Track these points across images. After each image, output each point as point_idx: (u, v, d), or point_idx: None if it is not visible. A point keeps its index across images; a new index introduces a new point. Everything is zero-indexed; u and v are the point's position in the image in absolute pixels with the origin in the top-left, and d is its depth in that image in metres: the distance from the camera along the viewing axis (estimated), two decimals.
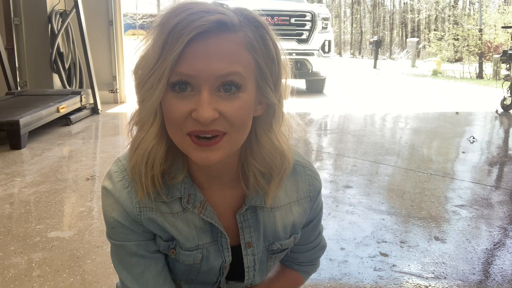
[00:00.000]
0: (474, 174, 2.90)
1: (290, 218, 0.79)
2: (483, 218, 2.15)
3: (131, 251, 0.73)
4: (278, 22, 6.62)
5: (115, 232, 0.73)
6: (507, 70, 6.03)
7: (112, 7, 5.58)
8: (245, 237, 0.77)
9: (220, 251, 0.77)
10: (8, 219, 2.06)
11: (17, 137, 3.32)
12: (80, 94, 4.62)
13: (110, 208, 0.72)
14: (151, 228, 0.73)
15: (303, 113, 5.34)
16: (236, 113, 0.62)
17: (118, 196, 0.71)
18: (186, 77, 0.60)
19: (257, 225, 0.77)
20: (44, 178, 2.65)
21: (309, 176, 0.81)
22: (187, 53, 0.59)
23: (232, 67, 0.60)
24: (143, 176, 0.68)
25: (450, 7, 25.58)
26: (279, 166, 0.72)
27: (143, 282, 0.73)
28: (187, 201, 0.72)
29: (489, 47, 14.50)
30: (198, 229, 0.74)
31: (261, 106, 0.68)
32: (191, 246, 0.74)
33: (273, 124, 0.70)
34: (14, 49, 4.92)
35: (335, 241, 1.87)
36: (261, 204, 0.75)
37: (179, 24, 0.59)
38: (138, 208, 0.71)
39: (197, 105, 0.60)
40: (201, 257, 0.76)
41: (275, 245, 0.80)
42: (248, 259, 0.78)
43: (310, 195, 0.81)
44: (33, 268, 1.62)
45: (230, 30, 0.61)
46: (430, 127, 4.55)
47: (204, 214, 0.73)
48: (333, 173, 2.90)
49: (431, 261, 1.71)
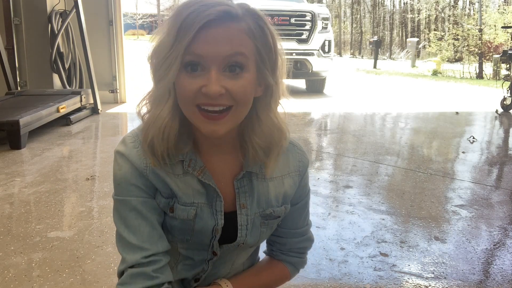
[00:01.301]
0: (474, 174, 2.90)
1: (281, 189, 0.89)
2: (483, 218, 2.15)
3: (131, 206, 0.80)
4: (278, 22, 6.62)
5: (120, 188, 0.81)
6: (507, 70, 6.03)
7: (112, 7, 5.58)
8: (241, 200, 0.86)
9: (214, 214, 0.84)
10: (8, 219, 2.06)
11: (17, 137, 3.32)
12: (80, 94, 4.62)
13: (119, 167, 0.81)
14: (154, 182, 0.81)
15: (303, 113, 5.34)
16: (240, 90, 0.72)
17: (128, 154, 0.80)
18: (197, 57, 0.70)
19: (251, 191, 0.86)
20: (44, 178, 2.65)
21: (298, 154, 0.92)
22: (198, 37, 0.69)
23: (237, 48, 0.71)
24: (158, 148, 0.76)
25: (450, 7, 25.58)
26: (277, 141, 0.81)
27: (139, 235, 0.79)
28: (188, 165, 0.81)
29: (489, 47, 14.50)
30: (195, 191, 0.83)
31: (260, 88, 0.78)
32: (187, 201, 0.82)
33: (271, 103, 0.80)
34: (14, 49, 4.92)
35: (335, 241, 1.87)
36: (257, 171, 0.84)
37: (192, 14, 0.69)
38: (145, 164, 0.80)
39: (207, 81, 0.70)
40: (195, 214, 0.83)
41: (268, 210, 0.88)
42: (241, 218, 0.86)
43: (300, 170, 0.91)
44: (33, 268, 1.62)
45: (235, 19, 0.71)
46: (430, 127, 4.55)
47: (202, 176, 0.82)
48: (333, 173, 2.90)
49: (431, 261, 1.71)
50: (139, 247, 0.79)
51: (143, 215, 0.80)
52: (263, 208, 0.88)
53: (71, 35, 5.27)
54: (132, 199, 0.80)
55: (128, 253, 0.79)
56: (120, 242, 0.81)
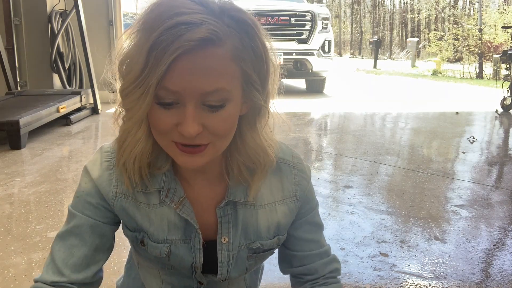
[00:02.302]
0: (474, 174, 2.90)
1: (274, 218, 0.78)
2: (483, 218, 2.15)
3: (78, 224, 0.73)
4: (278, 22, 6.62)
5: (77, 202, 0.74)
6: (507, 70, 6.03)
7: (112, 7, 5.59)
8: (222, 232, 0.76)
9: (192, 251, 0.76)
10: (8, 219, 2.06)
11: (17, 137, 3.32)
12: (80, 94, 4.62)
13: (84, 182, 0.74)
14: (119, 214, 0.74)
15: (303, 113, 5.34)
16: (221, 125, 0.63)
17: (98, 178, 0.73)
18: (172, 93, 0.60)
19: (236, 220, 0.76)
20: (44, 178, 2.65)
21: (295, 176, 0.79)
22: (173, 69, 0.59)
23: (217, 84, 0.60)
24: (130, 168, 0.69)
25: (450, 7, 25.59)
26: (262, 163, 0.73)
27: (68, 256, 0.73)
28: (166, 195, 0.73)
29: (489, 47, 14.51)
30: (171, 224, 0.74)
31: (246, 105, 0.68)
32: (159, 238, 0.75)
33: (257, 123, 0.71)
34: (14, 49, 4.92)
35: (335, 241, 1.87)
36: (242, 200, 0.75)
37: (168, 33, 0.57)
38: (114, 193, 0.73)
39: (182, 119, 0.61)
40: (168, 252, 0.75)
41: (255, 244, 0.78)
42: (222, 254, 0.77)
43: (297, 195, 0.79)
44: (33, 268, 1.62)
45: (216, 43, 0.60)
46: (430, 127, 4.55)
47: (181, 210, 0.73)
48: (333, 173, 2.90)
49: (431, 261, 1.71)
50: (58, 269, 0.72)
51: (84, 238, 0.73)
52: (250, 240, 0.78)
53: (71, 35, 5.27)
54: (83, 217, 0.74)
55: (47, 269, 0.73)
56: (50, 254, 0.75)
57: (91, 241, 0.74)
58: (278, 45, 6.59)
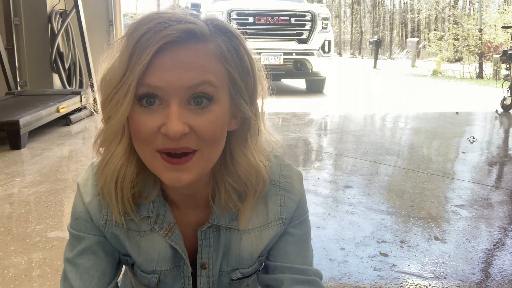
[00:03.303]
0: (474, 174, 2.90)
1: (259, 245, 0.73)
2: (483, 218, 2.15)
3: (87, 245, 0.70)
4: (278, 22, 6.62)
5: (78, 223, 0.71)
6: (507, 70, 6.02)
7: (112, 7, 5.59)
8: (202, 257, 0.73)
9: (181, 277, 0.75)
10: (8, 219, 2.06)
11: (17, 137, 3.32)
12: (80, 94, 4.62)
13: (79, 201, 0.71)
14: (110, 240, 0.72)
15: (303, 113, 5.34)
16: (208, 128, 0.58)
17: (89, 201, 0.70)
18: (154, 89, 0.56)
19: (217, 246, 0.73)
20: (44, 178, 2.65)
21: (281, 196, 0.73)
22: (155, 63, 0.55)
23: (203, 76, 0.57)
24: (113, 197, 0.66)
25: (450, 7, 25.59)
26: (254, 184, 0.68)
27: (87, 278, 0.69)
28: (155, 221, 0.70)
29: (489, 47, 14.51)
30: (161, 254, 0.72)
31: (235, 120, 0.65)
32: (148, 269, 0.73)
33: (249, 139, 0.66)
34: (14, 49, 4.93)
35: (335, 241, 1.87)
36: (226, 224, 0.71)
37: (146, 34, 0.55)
38: (105, 220, 0.70)
39: (166, 119, 0.56)
40: (157, 282, 0.74)
41: (235, 274, 0.75)
42: (201, 280, 0.74)
43: (282, 217, 0.73)
44: (33, 268, 1.62)
45: (200, 40, 0.57)
46: (430, 127, 4.55)
47: (170, 237, 0.70)
48: (333, 173, 2.90)
49: (431, 261, 1.71)
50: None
51: (99, 256, 0.71)
52: (232, 267, 0.74)
53: (71, 35, 5.27)
54: (91, 237, 0.70)
55: None
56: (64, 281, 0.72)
57: (105, 257, 0.72)
58: (278, 45, 6.60)
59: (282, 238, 0.75)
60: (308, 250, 0.78)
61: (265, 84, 0.67)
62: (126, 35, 0.58)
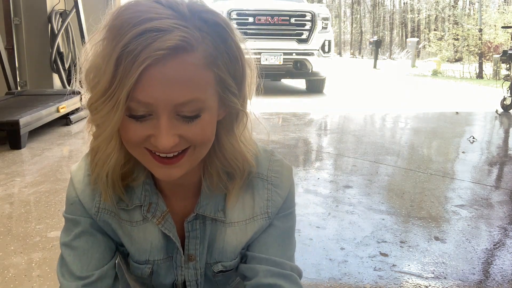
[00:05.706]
0: (474, 174, 2.90)
1: (243, 239, 0.73)
2: (483, 218, 2.15)
3: (85, 228, 0.71)
4: (278, 22, 6.62)
5: (73, 208, 0.72)
6: (507, 70, 6.02)
7: (112, 7, 5.58)
8: (189, 249, 0.73)
9: (174, 268, 0.75)
10: (8, 219, 2.06)
11: (17, 137, 3.32)
12: (80, 94, 4.61)
13: (71, 189, 0.73)
14: (104, 228, 0.72)
15: (303, 113, 5.34)
16: (198, 135, 0.60)
17: (82, 190, 0.71)
18: (143, 105, 0.57)
19: (203, 237, 0.73)
20: (44, 178, 2.65)
21: (268, 190, 0.73)
22: (143, 80, 0.55)
23: (190, 94, 0.57)
24: (104, 181, 0.67)
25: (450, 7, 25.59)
26: (241, 168, 0.70)
27: (85, 260, 0.70)
28: (147, 210, 0.70)
29: (489, 47, 14.50)
30: (153, 244, 0.72)
31: (223, 109, 0.65)
32: (141, 259, 0.73)
33: (235, 127, 0.67)
34: (14, 49, 4.92)
35: (335, 241, 1.87)
36: (211, 215, 0.71)
37: (134, 41, 0.53)
38: (97, 208, 0.71)
39: (156, 131, 0.57)
40: (150, 272, 0.74)
41: (216, 267, 0.75)
42: (189, 273, 0.75)
43: (268, 212, 0.73)
44: (33, 268, 1.62)
45: (189, 51, 0.56)
46: (430, 127, 4.55)
47: (163, 225, 0.71)
48: (333, 173, 2.90)
49: (431, 261, 1.71)
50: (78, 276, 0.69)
51: (96, 237, 0.71)
52: (214, 260, 0.75)
53: (71, 35, 5.27)
54: (87, 219, 0.71)
55: (66, 279, 0.69)
56: (61, 267, 0.71)
57: (103, 238, 0.72)
58: (278, 45, 6.60)
59: (265, 230, 0.75)
60: (290, 245, 0.77)
61: (253, 67, 0.67)
62: (110, 30, 0.56)
